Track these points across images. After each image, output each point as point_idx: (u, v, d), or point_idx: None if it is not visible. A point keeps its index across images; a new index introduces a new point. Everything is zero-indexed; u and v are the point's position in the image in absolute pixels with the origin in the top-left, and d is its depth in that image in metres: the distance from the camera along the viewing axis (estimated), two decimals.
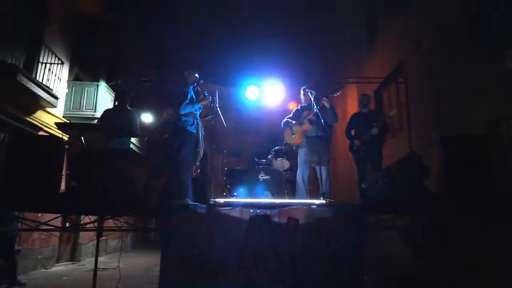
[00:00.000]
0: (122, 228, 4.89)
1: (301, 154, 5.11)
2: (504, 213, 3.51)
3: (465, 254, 4.07)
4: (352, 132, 5.57)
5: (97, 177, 4.15)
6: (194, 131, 4.52)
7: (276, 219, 3.75)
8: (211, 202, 4.07)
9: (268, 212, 3.77)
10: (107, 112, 5.45)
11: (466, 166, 3.72)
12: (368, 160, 5.28)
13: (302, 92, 5.24)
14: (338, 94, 5.06)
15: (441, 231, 4.22)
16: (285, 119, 5.35)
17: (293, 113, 5.37)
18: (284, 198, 5.36)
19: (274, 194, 5.40)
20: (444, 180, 3.86)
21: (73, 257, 8.90)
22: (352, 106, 8.31)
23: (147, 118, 8.49)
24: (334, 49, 8.48)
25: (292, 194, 5.42)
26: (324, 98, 4.96)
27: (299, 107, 5.38)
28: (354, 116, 5.69)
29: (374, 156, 5.24)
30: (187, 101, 4.48)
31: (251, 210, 3.77)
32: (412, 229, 4.51)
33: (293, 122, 5.18)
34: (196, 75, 4.73)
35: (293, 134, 5.16)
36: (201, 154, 4.68)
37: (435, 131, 4.79)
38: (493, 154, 3.86)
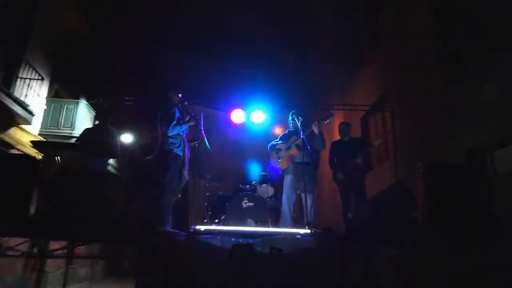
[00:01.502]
0: (94, 255, 4.71)
1: (287, 180, 5.11)
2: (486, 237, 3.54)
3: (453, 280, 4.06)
4: (335, 160, 5.59)
5: (71, 199, 4.02)
6: (181, 154, 4.48)
7: (259, 249, 3.66)
8: (191, 230, 3.97)
9: (250, 241, 3.68)
10: (86, 131, 5.36)
11: (450, 195, 3.77)
12: (351, 190, 5.28)
13: (290, 117, 5.28)
14: (328, 121, 5.10)
15: (427, 259, 4.21)
16: (271, 143, 5.36)
17: (281, 137, 5.39)
18: (268, 226, 5.28)
19: (258, 222, 5.32)
20: (429, 208, 3.89)
21: (38, 286, 8.46)
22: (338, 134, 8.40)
23: (127, 138, 8.36)
24: (321, 75, 8.65)
25: (276, 222, 5.36)
26: (315, 123, 4.99)
27: (286, 132, 5.41)
28: (335, 144, 5.71)
29: (358, 187, 5.26)
30: (174, 122, 4.44)
31: (233, 239, 3.68)
32: (398, 258, 4.48)
33: (280, 145, 5.18)
34: (180, 95, 4.72)
35: (279, 158, 5.15)
36: (187, 177, 4.62)
37: (419, 160, 4.85)
38: (477, 184, 3.93)
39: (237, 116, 6.42)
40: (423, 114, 5.48)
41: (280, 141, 5.27)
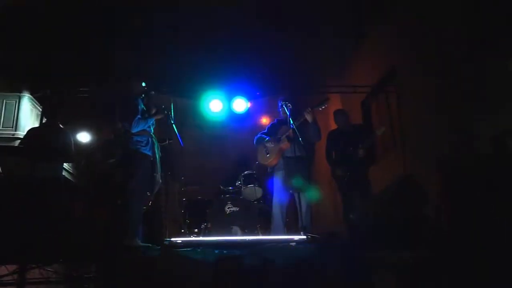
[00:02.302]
0: (51, 279, 4.69)
1: (278, 179, 5.16)
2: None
3: None
4: (333, 154, 5.67)
5: (17, 213, 4.00)
6: (150, 153, 4.49)
7: (248, 261, 3.72)
8: (166, 243, 4.01)
9: (237, 252, 3.74)
10: (33, 131, 5.32)
11: (471, 190, 3.85)
12: (354, 187, 5.37)
13: (278, 104, 5.32)
14: (324, 107, 5.15)
15: (444, 267, 4.33)
16: (258, 135, 5.39)
17: (268, 128, 5.43)
18: (257, 234, 5.34)
19: (245, 230, 5.38)
20: (446, 207, 3.99)
21: None
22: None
23: (84, 137, 8.26)
24: (312, 51, 8.64)
25: (267, 229, 5.42)
26: (308, 109, 5.03)
27: (275, 121, 5.46)
28: (332, 134, 5.78)
29: (361, 183, 5.36)
30: (138, 116, 4.44)
31: (216, 251, 3.73)
32: (409, 266, 4.59)
33: (268, 139, 5.23)
34: (143, 84, 4.71)
35: (267, 154, 5.20)
36: (159, 181, 4.64)
37: (433, 149, 4.96)
38: (504, 177, 4.00)
39: (215, 105, 6.44)
40: (438, 93, 5.52)
41: (268, 133, 5.31)
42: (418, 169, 5.31)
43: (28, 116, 8.19)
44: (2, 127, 7.90)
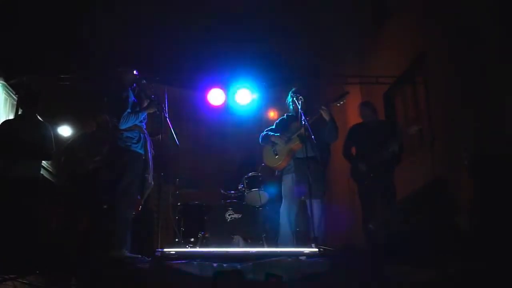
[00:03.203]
0: None
1: (287, 183, 5.17)
2: None
3: None
4: (353, 151, 5.67)
5: None
6: (141, 151, 4.53)
7: (251, 276, 3.75)
8: (158, 254, 4.04)
9: (239, 266, 3.76)
10: (7, 124, 5.37)
11: (508, 197, 3.85)
12: (377, 191, 5.38)
13: (290, 96, 5.32)
14: (341, 103, 5.16)
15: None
16: (264, 132, 5.41)
17: (277, 124, 5.44)
18: (262, 245, 5.36)
19: (248, 240, 5.40)
20: (479, 217, 3.99)
21: None
22: (354, 116, 8.46)
23: (65, 131, 8.30)
24: (329, 37, 8.62)
25: (273, 239, 5.44)
26: (323, 108, 5.03)
27: (285, 116, 5.46)
28: (356, 128, 5.79)
29: (386, 186, 5.37)
30: (128, 110, 4.47)
31: (215, 264, 3.76)
32: (439, 284, 4.59)
33: (277, 136, 5.23)
34: (135, 72, 4.73)
35: (276, 154, 5.21)
36: (151, 183, 4.68)
37: (466, 148, 4.94)
38: None
39: (215, 96, 6.46)
40: (474, 86, 5.49)
41: (276, 130, 5.32)
42: (448, 172, 5.31)
43: (2, 106, 8.23)
44: None
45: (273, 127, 5.41)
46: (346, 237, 7.65)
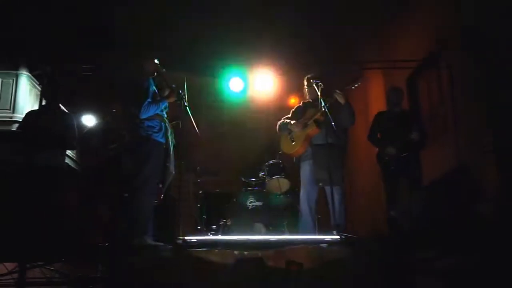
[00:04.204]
0: (54, 279, 4.85)
1: (305, 170, 5.17)
2: None
3: None
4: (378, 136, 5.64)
5: (16, 207, 4.14)
6: (162, 140, 4.55)
7: (271, 264, 3.76)
8: (179, 241, 4.07)
9: (259, 253, 3.78)
10: (30, 115, 5.45)
11: None
12: (402, 176, 5.35)
13: (306, 83, 5.30)
14: (356, 86, 5.12)
15: (500, 276, 4.26)
16: (281, 120, 5.41)
17: (293, 112, 5.43)
18: (283, 232, 5.37)
19: (269, 227, 5.42)
20: (503, 204, 3.92)
21: None
22: (377, 100, 8.36)
23: (90, 121, 8.41)
24: (348, 21, 8.49)
25: (294, 227, 5.45)
26: (337, 92, 5.01)
27: (301, 104, 5.46)
28: (380, 116, 5.74)
29: (412, 171, 5.33)
30: (148, 99, 4.49)
31: (236, 252, 3.78)
32: (461, 273, 4.54)
33: (293, 123, 5.22)
34: (157, 61, 4.75)
35: (293, 141, 5.20)
36: (173, 172, 4.72)
37: (490, 135, 4.85)
38: None
39: (236, 84, 6.46)
40: (500, 69, 5.37)
41: (292, 118, 5.31)
42: (472, 159, 5.22)
43: (27, 96, 8.35)
44: None
45: (289, 115, 5.39)
46: (369, 224, 7.63)
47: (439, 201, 4.39)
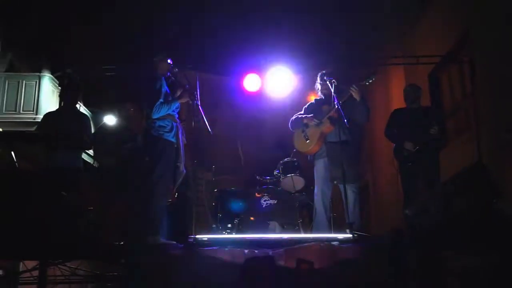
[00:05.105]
0: (72, 278, 4.96)
1: (320, 168, 5.13)
2: None
3: None
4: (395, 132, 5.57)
5: (34, 207, 4.22)
6: (173, 140, 4.59)
7: (282, 262, 3.75)
8: (191, 240, 4.10)
9: (270, 252, 3.77)
10: (48, 116, 5.55)
11: None
12: (419, 173, 5.27)
13: (318, 79, 5.28)
14: (370, 81, 5.06)
15: None
16: (294, 117, 5.39)
17: (305, 109, 5.41)
18: (298, 231, 5.35)
19: (284, 226, 5.41)
20: None
21: None
22: (398, 97, 8.25)
23: (110, 120, 8.57)
24: (367, 16, 8.40)
25: (309, 225, 5.43)
26: (353, 88, 4.95)
27: (313, 101, 5.44)
28: (398, 113, 5.67)
29: (430, 168, 5.24)
30: (161, 99, 4.54)
31: (247, 251, 3.79)
32: (480, 272, 4.44)
33: (307, 120, 5.20)
34: (169, 61, 4.79)
35: (307, 139, 5.17)
36: (183, 171, 4.75)
37: (507, 131, 4.75)
38: None
39: (251, 82, 6.46)
40: None
41: (305, 115, 5.29)
42: (493, 155, 5.11)
43: (50, 98, 8.56)
44: (22, 110, 8.30)
45: (302, 112, 5.37)
46: (387, 223, 7.53)
47: (458, 198, 4.30)
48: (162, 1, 6.38)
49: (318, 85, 5.29)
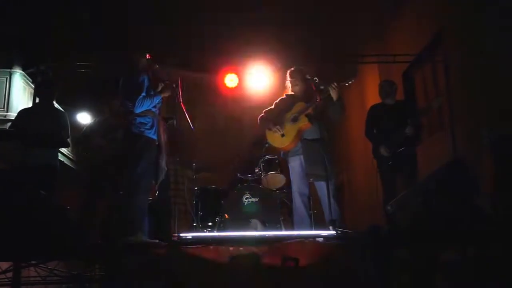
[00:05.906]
0: (48, 279, 4.83)
1: (295, 165, 5.13)
2: None
3: None
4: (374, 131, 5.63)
5: (8, 206, 4.11)
6: (155, 137, 4.54)
7: (267, 260, 3.74)
8: (174, 238, 4.06)
9: (255, 249, 3.76)
10: (23, 112, 5.42)
11: None
12: (398, 171, 5.35)
13: (288, 76, 5.27)
14: (350, 83, 5.08)
15: (497, 269, 4.25)
16: (262, 113, 5.39)
17: (277, 104, 5.39)
18: (280, 228, 5.35)
19: (266, 223, 5.39)
20: (501, 196, 3.91)
21: None
22: (373, 96, 8.35)
23: (84, 118, 8.39)
24: (344, 15, 8.46)
25: (290, 222, 5.44)
26: (333, 86, 4.95)
27: (284, 96, 5.40)
28: (375, 108, 5.73)
29: (407, 166, 5.32)
30: (143, 93, 4.47)
31: (231, 248, 3.76)
32: (459, 266, 4.53)
33: (271, 127, 5.19)
34: (149, 57, 4.73)
35: (282, 135, 5.15)
36: (165, 168, 4.70)
37: (487, 128, 4.83)
38: None
39: (231, 80, 6.44)
40: (494, 64, 5.35)
41: (275, 110, 5.32)
42: (468, 152, 5.21)
43: (21, 95, 8.37)
44: None
45: (273, 107, 5.36)
46: (366, 219, 7.62)
47: (437, 195, 4.37)
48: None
49: (288, 83, 5.27)
